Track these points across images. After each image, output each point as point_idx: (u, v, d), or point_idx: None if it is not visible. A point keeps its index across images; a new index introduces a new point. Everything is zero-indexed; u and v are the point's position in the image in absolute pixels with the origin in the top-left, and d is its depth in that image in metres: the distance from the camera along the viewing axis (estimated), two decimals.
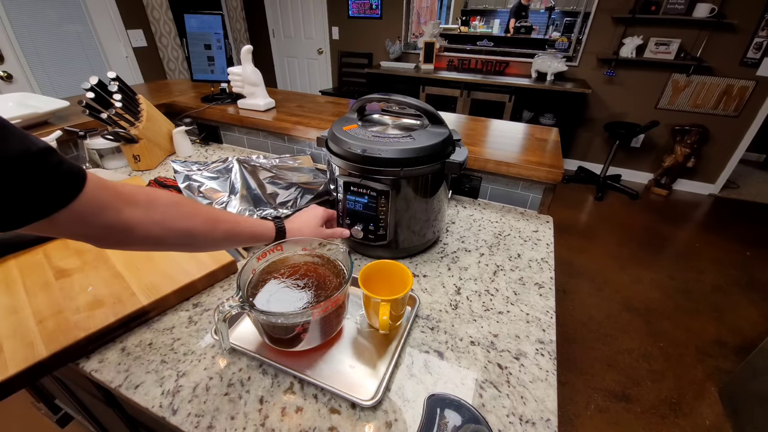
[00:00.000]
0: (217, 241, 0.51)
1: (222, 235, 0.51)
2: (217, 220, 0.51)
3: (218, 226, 0.51)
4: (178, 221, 0.46)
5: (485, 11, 3.65)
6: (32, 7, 2.22)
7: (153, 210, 0.43)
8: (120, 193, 0.40)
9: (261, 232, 0.58)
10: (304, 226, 0.65)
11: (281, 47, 4.38)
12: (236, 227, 0.54)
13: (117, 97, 1.03)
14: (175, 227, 0.45)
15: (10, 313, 0.54)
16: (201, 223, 0.48)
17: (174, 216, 0.45)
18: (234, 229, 0.53)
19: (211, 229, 0.50)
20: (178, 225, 0.46)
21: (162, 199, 0.45)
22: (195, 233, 0.48)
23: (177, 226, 0.46)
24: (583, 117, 3.34)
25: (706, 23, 2.66)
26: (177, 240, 0.46)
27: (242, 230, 0.55)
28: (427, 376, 0.51)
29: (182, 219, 0.46)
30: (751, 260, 2.35)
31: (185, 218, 0.47)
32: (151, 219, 0.43)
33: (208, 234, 0.49)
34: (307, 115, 1.21)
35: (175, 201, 0.46)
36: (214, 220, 0.50)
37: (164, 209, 0.44)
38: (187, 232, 0.47)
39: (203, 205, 0.52)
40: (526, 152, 0.96)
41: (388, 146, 0.61)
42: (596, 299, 1.97)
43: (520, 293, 0.67)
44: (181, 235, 0.46)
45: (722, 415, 1.41)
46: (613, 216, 2.82)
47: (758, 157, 3.91)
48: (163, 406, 0.46)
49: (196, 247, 0.51)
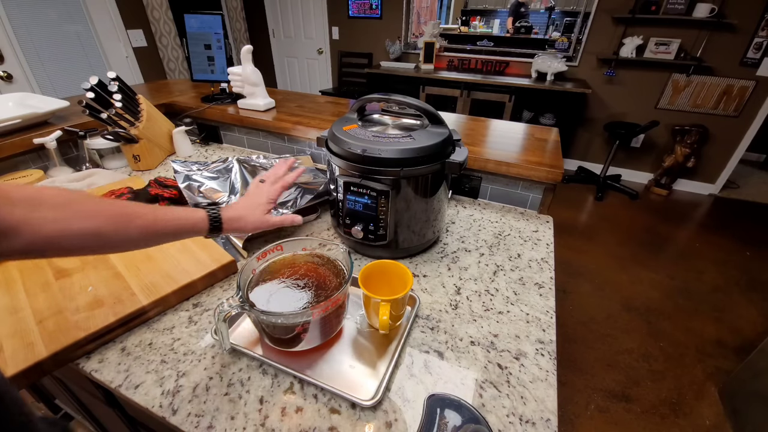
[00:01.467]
0: (134, 240, 0.46)
1: (138, 232, 0.45)
2: (129, 216, 0.45)
3: (132, 222, 0.45)
4: (72, 222, 0.40)
5: (485, 11, 3.64)
6: (32, 7, 2.22)
7: (38, 209, 0.38)
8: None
9: (190, 225, 0.51)
10: (247, 214, 0.58)
11: (281, 47, 4.38)
12: (155, 223, 0.47)
13: (117, 97, 1.03)
14: (69, 228, 0.39)
15: (10, 313, 0.54)
16: (106, 221, 0.42)
17: (67, 217, 0.40)
18: (153, 225, 0.47)
19: (122, 227, 0.44)
20: (72, 226, 0.40)
21: (51, 198, 0.39)
22: (101, 234, 0.42)
23: (71, 227, 0.40)
24: (583, 117, 3.34)
25: (706, 23, 2.66)
26: (78, 243, 0.41)
27: (164, 225, 0.48)
28: (427, 376, 0.51)
29: (78, 219, 0.40)
30: (751, 260, 2.35)
31: (82, 218, 0.41)
32: (39, 219, 0.37)
33: (118, 233, 0.43)
34: (307, 115, 1.21)
35: (68, 199, 0.41)
36: (123, 216, 0.44)
37: (53, 209, 0.39)
38: (89, 233, 0.41)
39: (111, 201, 0.46)
40: (526, 152, 0.96)
41: (388, 146, 0.61)
42: (596, 299, 1.97)
43: (520, 293, 0.67)
44: (83, 237, 0.41)
45: (722, 415, 1.41)
46: (613, 216, 2.82)
47: (758, 157, 3.91)
48: (163, 406, 0.46)
49: (109, 249, 0.45)
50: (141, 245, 0.48)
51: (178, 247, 0.68)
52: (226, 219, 0.55)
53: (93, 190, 0.90)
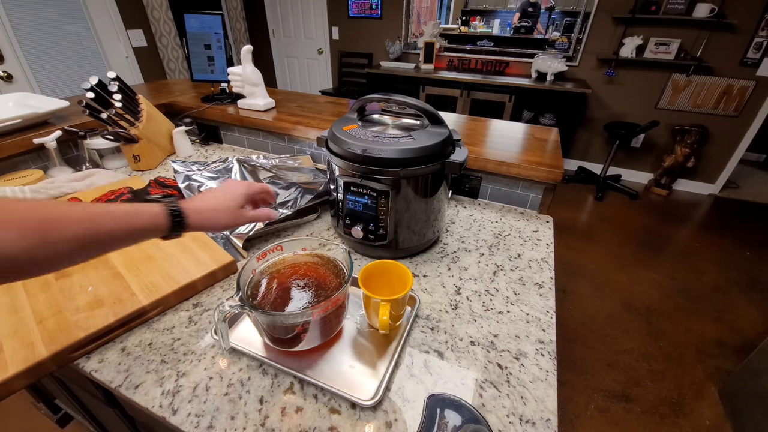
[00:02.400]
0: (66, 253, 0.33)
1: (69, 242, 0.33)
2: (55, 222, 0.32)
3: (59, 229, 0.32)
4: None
5: (485, 11, 3.64)
6: (32, 7, 2.22)
7: None
8: None
9: (142, 224, 0.39)
10: (219, 206, 0.48)
11: (281, 47, 4.38)
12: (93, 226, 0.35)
13: (117, 97, 1.03)
14: None
15: (10, 313, 0.54)
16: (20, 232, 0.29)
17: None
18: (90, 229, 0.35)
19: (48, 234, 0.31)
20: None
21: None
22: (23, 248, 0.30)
23: None
24: (583, 117, 3.34)
25: (706, 23, 2.66)
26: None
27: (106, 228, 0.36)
28: (427, 376, 0.51)
29: None
30: (751, 260, 2.35)
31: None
32: None
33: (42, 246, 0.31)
34: (307, 115, 1.21)
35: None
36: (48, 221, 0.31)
37: None
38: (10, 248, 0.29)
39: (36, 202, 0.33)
40: (526, 152, 0.96)
41: (388, 146, 0.61)
42: (596, 299, 1.97)
43: (520, 293, 0.67)
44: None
45: (722, 415, 1.41)
46: (613, 216, 2.82)
47: (758, 157, 3.91)
48: (163, 406, 0.46)
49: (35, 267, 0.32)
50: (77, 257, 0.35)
51: (178, 247, 0.68)
52: (191, 211, 0.45)
53: (93, 190, 0.90)
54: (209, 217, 0.47)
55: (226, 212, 0.49)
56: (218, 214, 0.48)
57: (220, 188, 0.52)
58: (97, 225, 0.36)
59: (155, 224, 0.41)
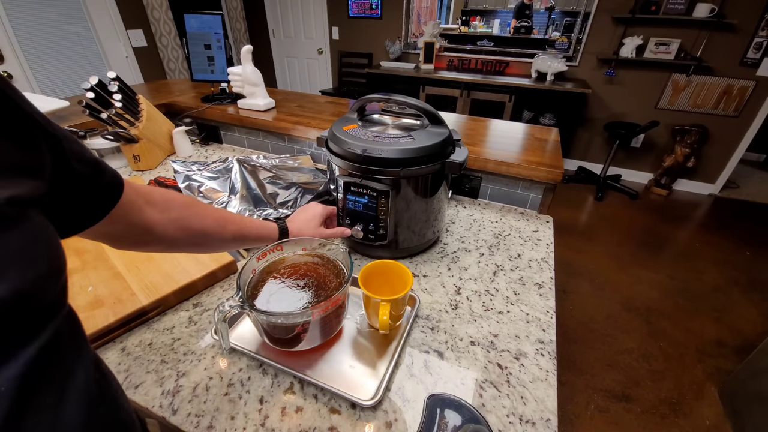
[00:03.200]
0: (226, 241, 0.52)
1: (231, 235, 0.52)
2: (226, 221, 0.51)
3: (227, 226, 0.51)
4: (192, 221, 0.46)
5: (485, 11, 3.64)
6: (32, 7, 2.22)
7: (169, 210, 0.43)
8: (139, 191, 0.39)
9: (266, 233, 0.59)
10: (304, 226, 0.65)
11: (281, 47, 4.38)
12: (243, 228, 0.54)
13: (117, 97, 1.03)
14: (189, 227, 0.46)
15: None
16: (212, 224, 0.49)
17: (188, 216, 0.46)
18: (241, 230, 0.54)
19: (221, 229, 0.50)
20: (192, 225, 0.46)
21: (177, 200, 0.45)
22: (207, 233, 0.48)
23: (191, 226, 0.46)
24: (583, 117, 3.34)
25: (706, 23, 2.66)
26: (190, 240, 0.47)
27: (249, 231, 0.55)
28: (427, 376, 0.51)
29: (196, 219, 0.46)
30: (751, 260, 2.35)
31: (198, 218, 0.47)
32: (167, 218, 0.43)
33: (218, 234, 0.50)
34: (307, 115, 1.21)
35: (188, 201, 0.47)
36: (223, 220, 0.51)
37: (179, 209, 0.45)
38: (200, 232, 0.47)
39: (210, 206, 0.52)
40: (526, 152, 0.96)
41: (388, 146, 0.61)
42: (596, 299, 1.97)
43: (520, 293, 0.67)
44: (195, 236, 0.47)
45: (722, 415, 1.41)
46: (613, 216, 2.82)
47: (758, 157, 3.91)
48: (163, 406, 0.46)
49: (207, 248, 0.52)
50: (227, 247, 0.54)
51: None
52: (290, 230, 0.62)
53: None
54: (300, 234, 0.63)
55: (310, 229, 0.65)
56: (304, 231, 0.64)
57: (306, 209, 0.68)
58: (243, 229, 0.55)
59: (272, 236, 0.60)
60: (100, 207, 0.34)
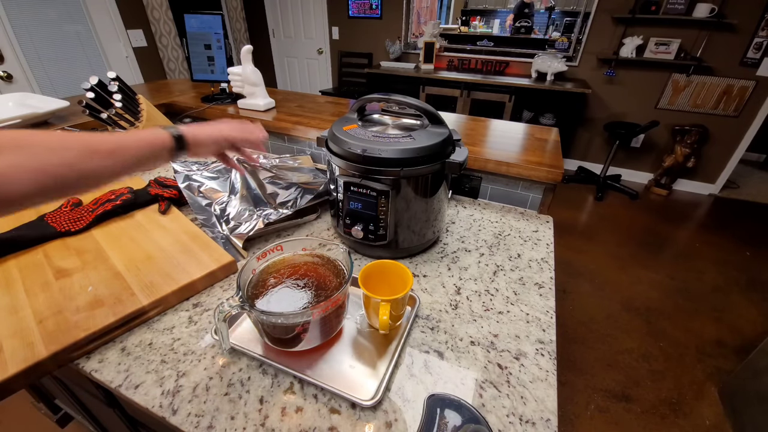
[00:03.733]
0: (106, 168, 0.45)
1: (109, 160, 0.45)
2: (94, 144, 0.45)
3: (99, 150, 0.45)
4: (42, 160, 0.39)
5: (485, 11, 3.64)
6: (32, 7, 2.22)
7: (22, 153, 0.37)
8: None
9: (151, 139, 0.51)
10: (208, 128, 0.60)
11: (281, 47, 4.38)
12: (122, 144, 0.47)
13: (117, 97, 1.03)
14: (41, 168, 0.39)
15: (10, 313, 0.54)
16: (76, 156, 0.42)
17: (32, 155, 0.39)
18: (119, 147, 0.47)
19: (90, 157, 0.43)
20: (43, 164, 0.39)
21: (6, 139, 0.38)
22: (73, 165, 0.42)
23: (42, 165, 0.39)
24: (583, 117, 3.34)
25: (706, 23, 2.66)
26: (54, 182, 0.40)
27: (129, 144, 0.48)
28: (427, 376, 0.51)
29: (47, 155, 0.40)
30: (751, 260, 2.35)
31: (52, 153, 0.40)
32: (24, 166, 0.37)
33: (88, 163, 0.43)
34: (307, 115, 1.21)
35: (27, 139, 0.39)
36: (88, 145, 0.44)
37: (16, 150, 0.37)
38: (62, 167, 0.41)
39: (72, 133, 0.45)
40: (526, 152, 0.96)
41: (388, 146, 0.61)
42: (596, 299, 1.97)
43: (520, 293, 0.67)
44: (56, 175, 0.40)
45: (722, 415, 1.41)
46: (613, 216, 2.82)
47: (758, 157, 3.92)
48: (163, 406, 0.46)
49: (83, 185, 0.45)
50: (112, 174, 0.47)
51: (178, 247, 0.68)
52: (188, 132, 0.56)
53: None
54: (202, 136, 0.58)
55: (215, 132, 0.60)
56: (207, 132, 0.59)
57: (212, 124, 0.62)
58: (121, 144, 0.47)
59: (164, 143, 0.52)
60: None
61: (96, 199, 0.80)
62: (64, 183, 0.41)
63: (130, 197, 0.80)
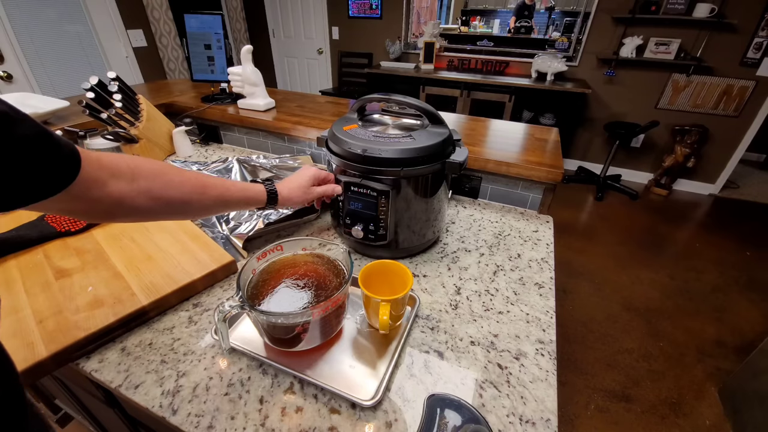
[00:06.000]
0: (209, 207, 0.52)
1: (212, 201, 0.52)
2: (206, 186, 0.51)
3: (207, 192, 0.51)
4: (165, 191, 0.45)
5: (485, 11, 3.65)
6: (32, 7, 2.22)
7: (137, 180, 0.42)
8: (103, 165, 0.39)
9: (252, 194, 0.58)
10: (294, 186, 0.65)
11: (281, 47, 4.38)
12: (226, 193, 0.54)
13: (117, 97, 1.03)
14: (162, 197, 0.45)
15: (10, 313, 0.54)
16: (190, 191, 0.48)
17: (160, 185, 0.45)
18: (224, 194, 0.54)
19: (200, 196, 0.50)
20: (165, 194, 0.45)
21: (145, 169, 0.44)
22: (185, 201, 0.48)
23: (164, 195, 0.45)
24: (583, 117, 3.34)
25: (706, 23, 2.66)
26: (166, 209, 0.46)
27: (232, 195, 0.55)
28: (427, 376, 0.51)
29: (170, 188, 0.46)
30: (751, 260, 2.35)
31: (173, 187, 0.46)
32: (137, 190, 0.42)
33: (197, 201, 0.50)
34: (307, 115, 1.21)
35: (159, 170, 0.46)
36: (203, 186, 0.50)
37: (149, 179, 0.44)
38: (177, 200, 0.47)
39: (190, 171, 0.51)
40: (526, 152, 0.96)
41: (389, 146, 0.61)
42: (596, 299, 1.97)
43: (520, 293, 0.67)
44: (170, 205, 0.46)
45: (722, 415, 1.41)
46: (613, 216, 2.82)
47: (758, 157, 3.91)
48: (163, 406, 0.46)
49: (186, 215, 0.52)
50: (212, 212, 0.54)
51: (178, 248, 0.68)
52: (280, 192, 0.62)
53: None
54: (290, 195, 0.63)
55: (300, 189, 0.65)
56: (293, 191, 0.64)
57: (298, 172, 0.68)
58: (227, 193, 0.54)
59: (260, 199, 0.60)
60: (53, 182, 0.33)
61: None
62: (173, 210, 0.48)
63: None
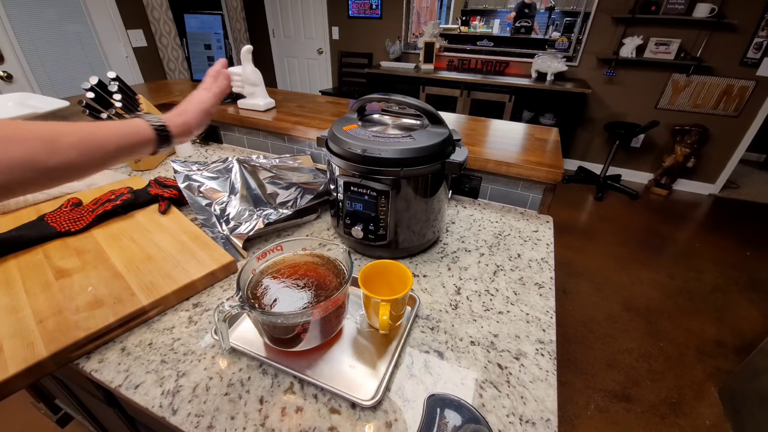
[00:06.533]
0: (73, 161, 0.41)
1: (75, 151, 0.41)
2: (59, 134, 0.40)
3: (61, 139, 0.40)
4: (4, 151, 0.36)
5: (485, 11, 3.64)
6: (32, 7, 2.22)
7: None
8: None
9: (129, 131, 0.46)
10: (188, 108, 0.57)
11: (281, 47, 4.38)
12: (90, 135, 0.42)
13: (117, 97, 1.03)
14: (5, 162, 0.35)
15: (10, 313, 0.54)
16: (38, 145, 0.38)
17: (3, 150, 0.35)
18: (87, 138, 0.42)
19: (52, 145, 0.39)
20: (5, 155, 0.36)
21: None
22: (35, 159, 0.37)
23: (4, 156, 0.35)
24: (583, 117, 3.34)
25: (706, 23, 2.66)
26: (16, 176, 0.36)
27: (101, 138, 0.43)
28: (427, 376, 0.51)
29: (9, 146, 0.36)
30: (751, 260, 2.35)
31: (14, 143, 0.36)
32: None
33: (49, 153, 0.38)
34: (307, 115, 1.21)
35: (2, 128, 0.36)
36: (53, 134, 0.39)
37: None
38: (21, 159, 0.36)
39: (42, 122, 0.40)
40: (526, 152, 0.96)
41: (388, 146, 0.61)
42: (596, 299, 1.97)
43: (520, 293, 0.67)
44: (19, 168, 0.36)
45: (722, 415, 1.41)
46: (613, 216, 2.82)
47: (758, 157, 3.91)
48: (163, 406, 0.46)
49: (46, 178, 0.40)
50: (82, 170, 0.42)
51: (178, 247, 0.68)
52: (169, 118, 0.52)
53: (93, 189, 0.90)
54: (184, 118, 0.54)
55: (194, 109, 0.57)
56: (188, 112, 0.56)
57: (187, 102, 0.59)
58: (93, 136, 0.42)
59: (144, 135, 0.47)
60: None
61: (96, 199, 0.80)
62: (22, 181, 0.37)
63: (130, 197, 0.80)
